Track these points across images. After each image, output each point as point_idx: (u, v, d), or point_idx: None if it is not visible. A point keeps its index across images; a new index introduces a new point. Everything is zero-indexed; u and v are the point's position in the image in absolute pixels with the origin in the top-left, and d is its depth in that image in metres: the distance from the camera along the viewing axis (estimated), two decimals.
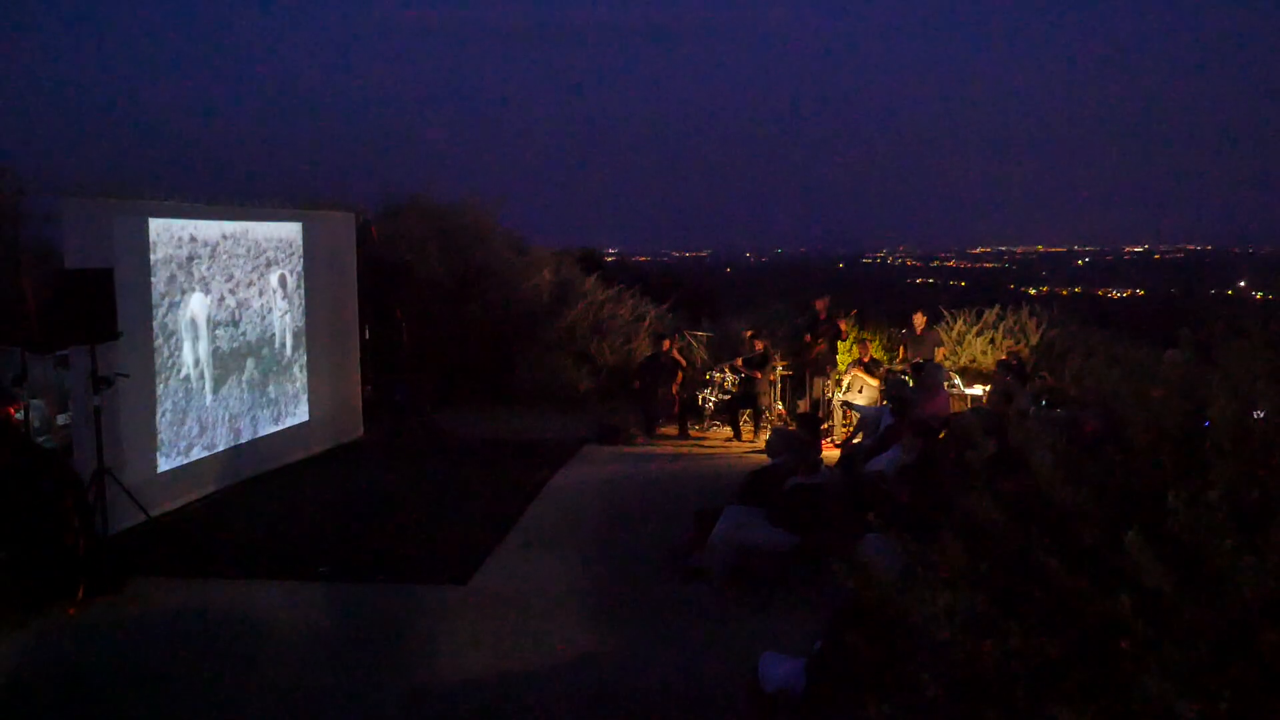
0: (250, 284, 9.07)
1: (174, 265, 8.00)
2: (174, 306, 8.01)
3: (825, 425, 11.66)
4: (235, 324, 8.84)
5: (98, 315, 6.65)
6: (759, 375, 11.42)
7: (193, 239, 8.23)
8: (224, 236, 8.66)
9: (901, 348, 12.68)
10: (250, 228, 9.05)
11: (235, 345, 8.85)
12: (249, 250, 9.03)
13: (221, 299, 8.64)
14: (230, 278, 8.75)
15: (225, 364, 8.71)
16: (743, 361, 11.65)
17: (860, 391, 11.24)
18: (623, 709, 4.61)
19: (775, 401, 12.05)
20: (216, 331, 8.58)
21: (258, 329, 9.20)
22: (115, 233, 7.32)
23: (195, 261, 8.27)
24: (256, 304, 9.17)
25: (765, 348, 11.70)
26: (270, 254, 9.38)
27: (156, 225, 7.79)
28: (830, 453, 9.57)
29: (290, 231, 9.72)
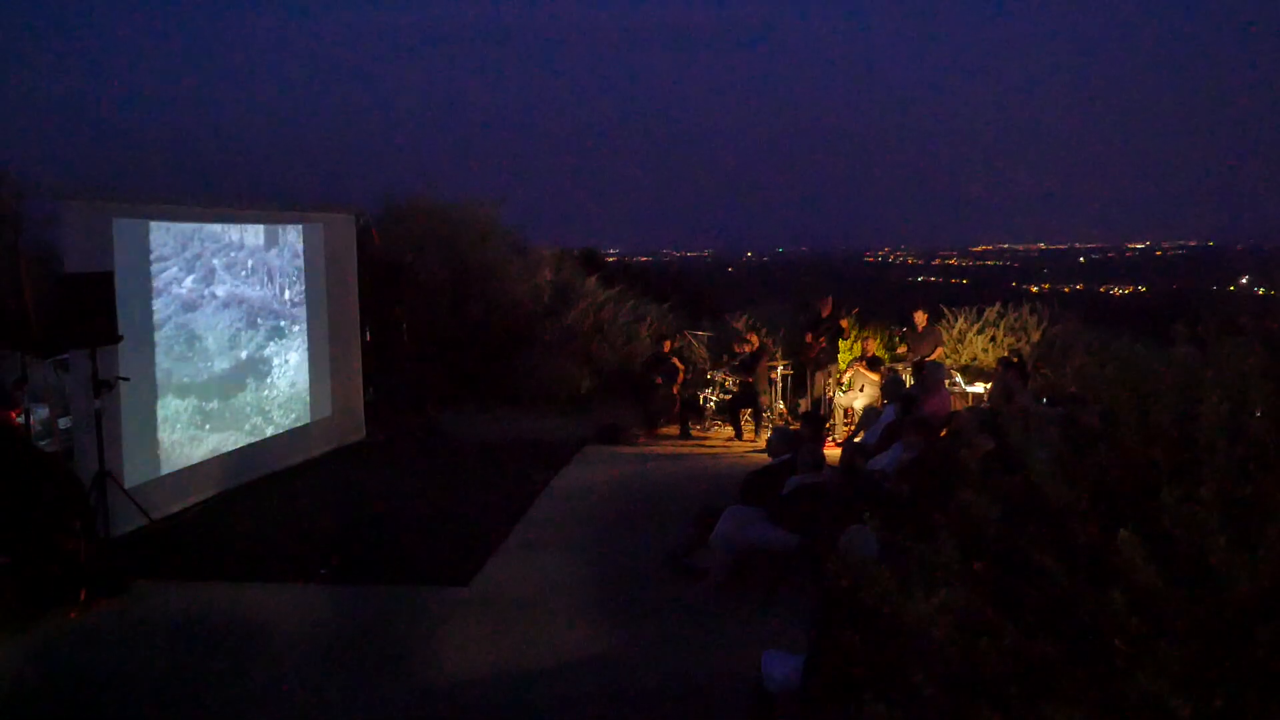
0: (252, 287, 9.09)
1: (175, 269, 8.02)
2: (174, 309, 8.03)
3: (827, 424, 11.66)
4: (236, 327, 8.86)
5: (98, 319, 6.66)
6: (750, 379, 11.41)
7: (194, 242, 8.25)
8: (226, 240, 8.69)
9: (904, 346, 12.67)
10: (252, 231, 9.07)
11: (236, 348, 8.87)
12: (251, 253, 9.06)
13: (224, 302, 8.66)
14: (232, 280, 8.77)
15: (226, 367, 8.73)
16: (739, 363, 11.64)
17: (861, 390, 11.24)
18: (625, 709, 4.62)
19: (776, 400, 12.05)
20: (217, 334, 8.60)
21: (259, 331, 9.21)
22: (115, 236, 7.34)
23: (197, 264, 8.29)
24: (258, 306, 9.19)
25: (757, 346, 11.68)
26: (272, 256, 9.40)
27: (157, 229, 7.82)
28: (832, 451, 9.56)
29: (291, 234, 9.74)
